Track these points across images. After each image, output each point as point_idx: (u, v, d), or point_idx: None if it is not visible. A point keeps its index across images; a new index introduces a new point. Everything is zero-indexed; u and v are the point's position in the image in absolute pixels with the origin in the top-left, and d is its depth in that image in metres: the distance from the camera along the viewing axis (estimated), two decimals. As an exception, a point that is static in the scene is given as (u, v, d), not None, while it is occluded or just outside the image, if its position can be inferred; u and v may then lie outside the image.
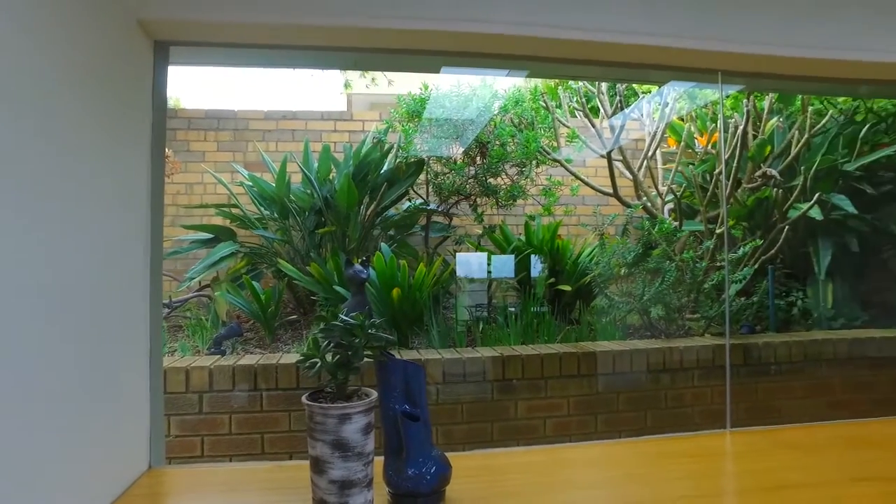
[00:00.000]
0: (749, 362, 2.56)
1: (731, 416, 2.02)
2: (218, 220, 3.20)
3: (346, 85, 3.37)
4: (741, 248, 2.87)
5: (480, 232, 3.42)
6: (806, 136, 3.09)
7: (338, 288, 2.61)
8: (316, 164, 3.19)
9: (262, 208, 3.12)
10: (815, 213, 3.00)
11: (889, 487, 1.23)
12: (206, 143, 3.39)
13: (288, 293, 3.05)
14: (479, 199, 3.37)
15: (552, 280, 3.19)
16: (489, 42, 1.53)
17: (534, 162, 3.41)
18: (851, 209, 2.98)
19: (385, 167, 3.19)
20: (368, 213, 3.15)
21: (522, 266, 3.18)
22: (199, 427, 2.09)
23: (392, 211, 3.29)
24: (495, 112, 3.37)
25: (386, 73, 3.28)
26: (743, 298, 2.94)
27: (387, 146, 3.24)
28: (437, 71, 2.00)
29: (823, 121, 3.21)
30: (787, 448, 1.53)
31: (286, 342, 2.67)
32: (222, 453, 2.10)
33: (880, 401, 2.59)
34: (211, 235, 3.11)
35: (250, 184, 3.14)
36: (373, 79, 3.32)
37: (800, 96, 3.21)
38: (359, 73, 3.43)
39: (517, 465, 1.46)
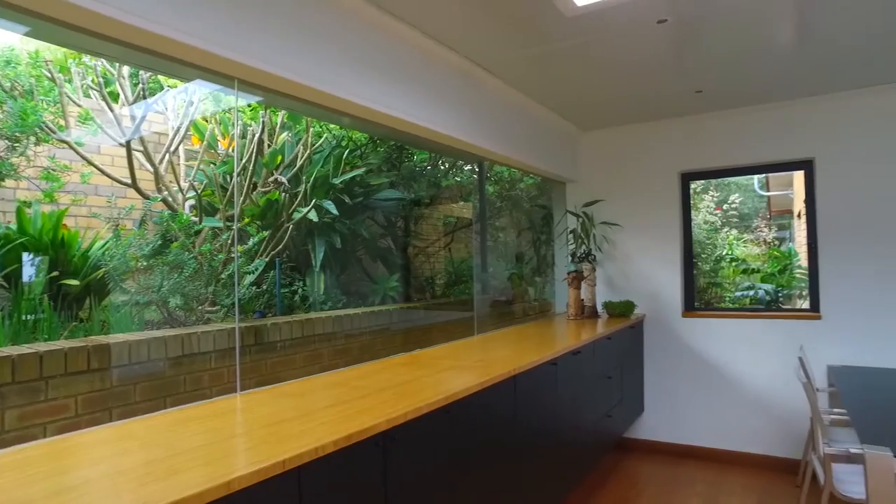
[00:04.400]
0: (260, 342, 2.93)
1: (242, 387, 2.31)
2: None
3: None
4: (251, 241, 3.24)
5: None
6: (308, 152, 3.72)
7: None
8: None
9: None
10: (313, 216, 3.64)
11: (343, 407, 1.74)
12: None
13: None
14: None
15: (55, 274, 2.86)
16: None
17: (32, 138, 2.96)
18: (336, 213, 3.74)
19: None
20: None
21: (14, 259, 2.73)
22: None
23: None
24: (-25, 70, 2.77)
25: None
26: (255, 287, 3.32)
27: None
28: None
29: (321, 141, 3.94)
30: (285, 397, 1.90)
31: None
32: None
33: (350, 360, 3.39)
34: None
35: None
36: None
37: (305, 118, 3.83)
38: None
39: (9, 464, 1.32)
